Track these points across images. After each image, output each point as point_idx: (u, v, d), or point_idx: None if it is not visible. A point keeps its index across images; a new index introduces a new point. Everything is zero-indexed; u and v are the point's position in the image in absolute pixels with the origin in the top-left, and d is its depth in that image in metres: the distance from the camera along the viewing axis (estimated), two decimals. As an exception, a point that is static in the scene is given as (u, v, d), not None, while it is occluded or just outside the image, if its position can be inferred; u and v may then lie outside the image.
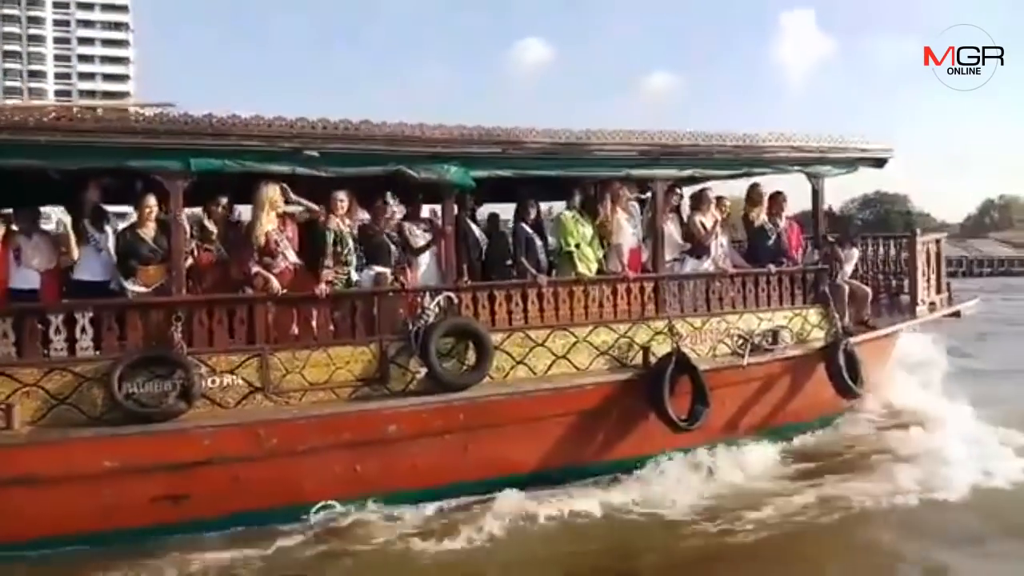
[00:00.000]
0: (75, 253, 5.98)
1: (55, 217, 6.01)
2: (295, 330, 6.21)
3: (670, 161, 7.52)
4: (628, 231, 7.53)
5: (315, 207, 6.56)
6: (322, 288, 6.25)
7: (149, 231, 6.08)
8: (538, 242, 7.33)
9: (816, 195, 8.63)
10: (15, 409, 5.31)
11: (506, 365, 6.76)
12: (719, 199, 8.38)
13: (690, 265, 8.00)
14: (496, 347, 6.68)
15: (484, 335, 6.62)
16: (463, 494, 6.42)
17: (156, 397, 5.63)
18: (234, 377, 5.91)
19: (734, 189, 9.33)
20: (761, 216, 8.49)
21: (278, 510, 5.91)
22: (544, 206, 8.01)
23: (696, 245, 8.02)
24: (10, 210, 6.37)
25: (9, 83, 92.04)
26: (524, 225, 7.35)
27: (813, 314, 8.29)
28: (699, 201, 8.21)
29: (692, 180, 8.02)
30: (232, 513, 5.77)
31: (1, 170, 5.55)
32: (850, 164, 8.70)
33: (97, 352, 5.65)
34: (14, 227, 6.18)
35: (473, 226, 7.28)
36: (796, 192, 8.73)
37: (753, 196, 8.52)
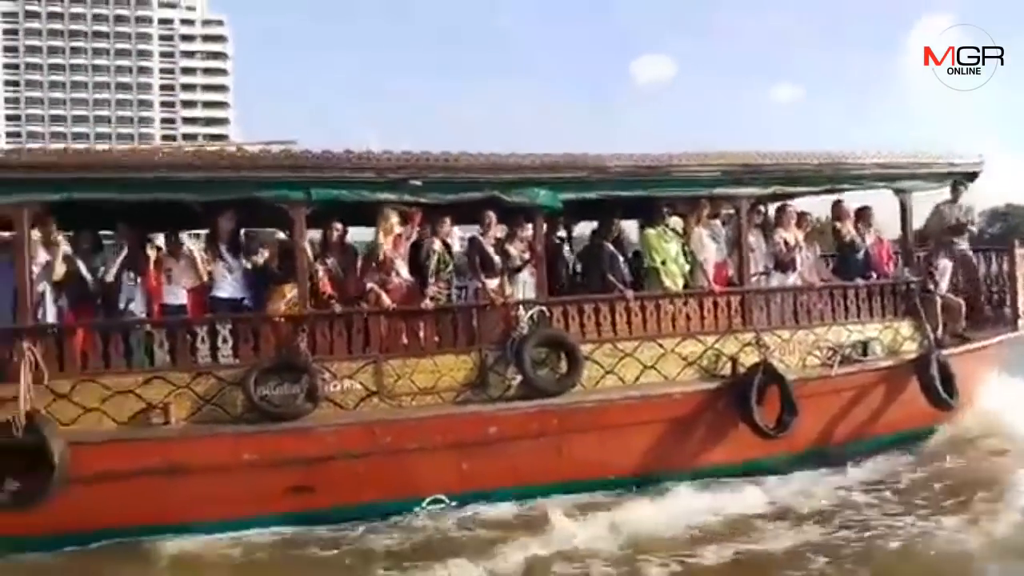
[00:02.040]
0: (204, 275, 6.89)
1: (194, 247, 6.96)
2: (405, 340, 6.88)
3: (752, 180, 7.87)
4: (711, 247, 7.89)
5: None
6: (427, 303, 6.93)
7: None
8: (620, 258, 7.76)
9: (904, 210, 8.75)
10: (171, 407, 6.17)
11: (596, 374, 7.20)
12: (801, 215, 8.63)
13: (776, 279, 8.25)
14: (586, 357, 7.14)
15: (574, 345, 7.09)
16: (558, 493, 6.86)
17: (286, 399, 6.39)
18: (353, 382, 6.62)
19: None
20: (849, 231, 8.66)
21: (392, 502, 6.54)
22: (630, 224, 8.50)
23: (780, 260, 8.27)
24: (160, 237, 7.37)
25: (121, 129, 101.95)
26: (607, 244, 7.81)
27: (905, 326, 8.35)
28: (781, 217, 8.49)
29: (776, 197, 8.31)
30: (351, 504, 6.42)
31: (155, 203, 6.45)
32: (939, 179, 8.79)
33: (236, 360, 6.48)
34: (163, 252, 7.17)
35: (565, 246, 7.80)
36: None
37: (838, 212, 8.72)
